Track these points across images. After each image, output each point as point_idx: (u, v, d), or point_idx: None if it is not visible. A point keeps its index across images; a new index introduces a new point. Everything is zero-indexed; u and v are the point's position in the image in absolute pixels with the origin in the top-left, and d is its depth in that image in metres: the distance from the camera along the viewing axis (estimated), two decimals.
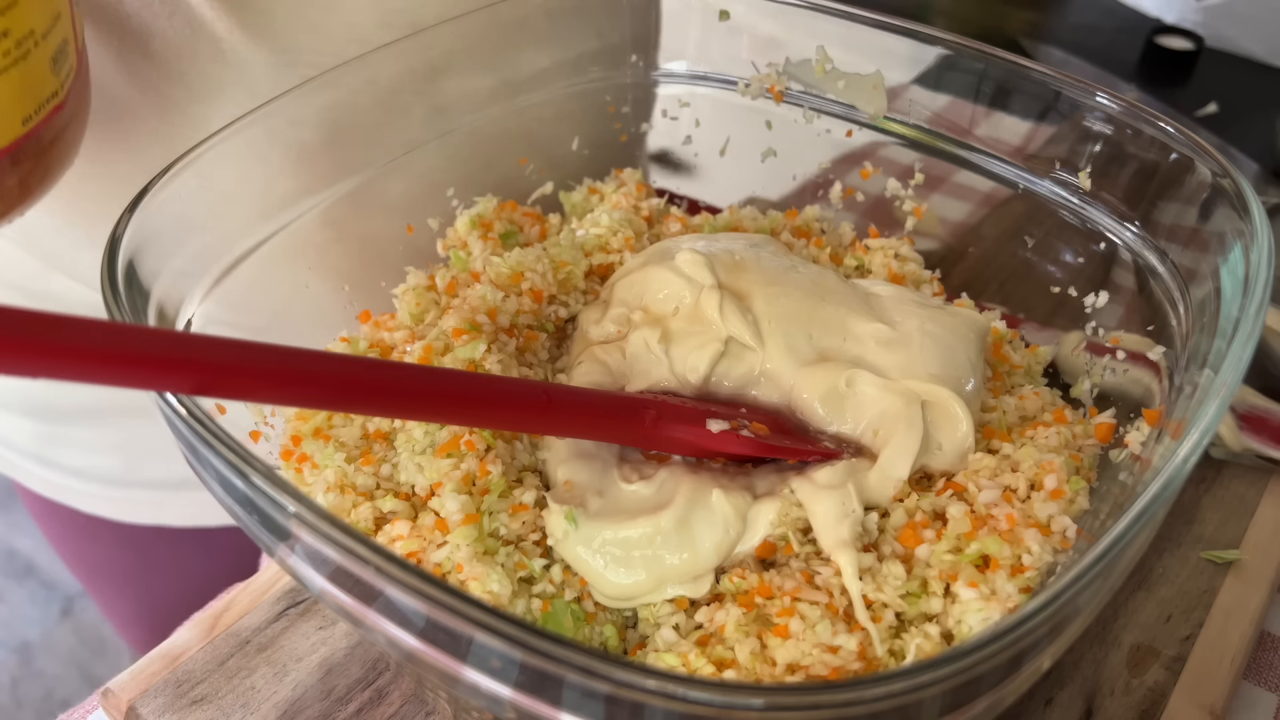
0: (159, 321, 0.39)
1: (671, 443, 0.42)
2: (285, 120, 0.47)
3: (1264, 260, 0.38)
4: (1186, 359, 0.41)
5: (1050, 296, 0.52)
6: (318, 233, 0.49)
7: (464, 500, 0.39)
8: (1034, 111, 0.51)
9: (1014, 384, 0.49)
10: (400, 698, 0.45)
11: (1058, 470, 0.40)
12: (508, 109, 0.57)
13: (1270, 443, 0.56)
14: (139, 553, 0.80)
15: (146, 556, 0.80)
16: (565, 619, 0.39)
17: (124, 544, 0.79)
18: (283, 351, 0.31)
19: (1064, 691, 0.46)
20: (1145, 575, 0.51)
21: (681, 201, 0.63)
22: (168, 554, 0.80)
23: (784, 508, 0.40)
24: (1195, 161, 0.44)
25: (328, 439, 0.43)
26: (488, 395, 0.36)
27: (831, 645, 0.36)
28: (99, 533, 0.78)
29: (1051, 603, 0.28)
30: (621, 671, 0.26)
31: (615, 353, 0.47)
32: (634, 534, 0.39)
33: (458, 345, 0.44)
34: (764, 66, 0.57)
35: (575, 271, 0.51)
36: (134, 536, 0.78)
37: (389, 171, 0.52)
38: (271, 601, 0.49)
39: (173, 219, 0.41)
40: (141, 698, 0.45)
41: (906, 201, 0.56)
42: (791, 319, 0.45)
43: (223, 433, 0.33)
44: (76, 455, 0.74)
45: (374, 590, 0.30)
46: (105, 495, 0.75)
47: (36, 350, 0.26)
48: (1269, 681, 0.49)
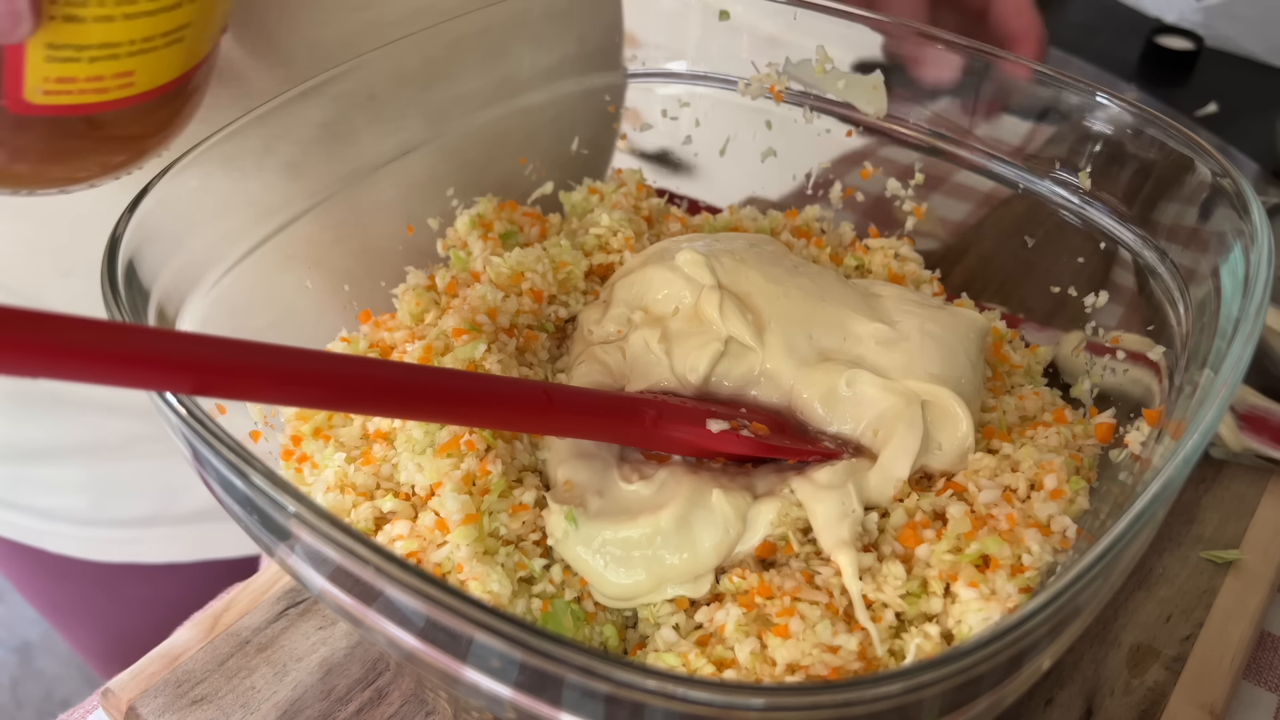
0: (159, 321, 0.39)
1: (671, 443, 0.42)
2: (285, 120, 0.47)
3: (1264, 260, 0.38)
4: (1186, 359, 0.41)
5: (1050, 296, 0.52)
6: (317, 233, 0.49)
7: (464, 500, 0.39)
8: (1034, 111, 0.51)
9: (1014, 384, 0.49)
10: (400, 698, 0.45)
11: (1058, 470, 0.40)
12: (507, 109, 0.57)
13: (1270, 443, 0.56)
14: (108, 588, 0.77)
15: (117, 591, 0.77)
16: (565, 619, 0.39)
17: (94, 580, 0.76)
18: (283, 351, 0.31)
19: (1064, 691, 0.46)
20: (1145, 575, 0.51)
21: (681, 201, 0.63)
22: (141, 587, 0.77)
23: (784, 508, 0.40)
24: (1195, 161, 0.44)
25: (328, 439, 0.43)
26: (488, 395, 0.36)
27: (831, 645, 0.36)
28: (67, 571, 0.75)
29: (1051, 603, 0.28)
30: (621, 671, 0.26)
31: (615, 353, 0.47)
32: (634, 534, 0.39)
33: (458, 345, 0.44)
34: (764, 66, 0.57)
35: (575, 271, 0.51)
36: (103, 573, 0.75)
37: (389, 172, 0.52)
38: (271, 601, 0.49)
39: (173, 219, 0.41)
40: (141, 698, 0.45)
41: (906, 201, 0.56)
42: (791, 319, 0.45)
43: (223, 433, 0.33)
44: (42, 495, 0.71)
45: (374, 590, 0.30)
46: (73, 535, 0.72)
47: (36, 350, 0.26)
48: (1269, 681, 0.49)
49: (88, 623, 0.82)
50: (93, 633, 0.83)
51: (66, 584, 0.77)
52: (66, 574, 0.76)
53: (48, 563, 0.74)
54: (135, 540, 0.73)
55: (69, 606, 0.81)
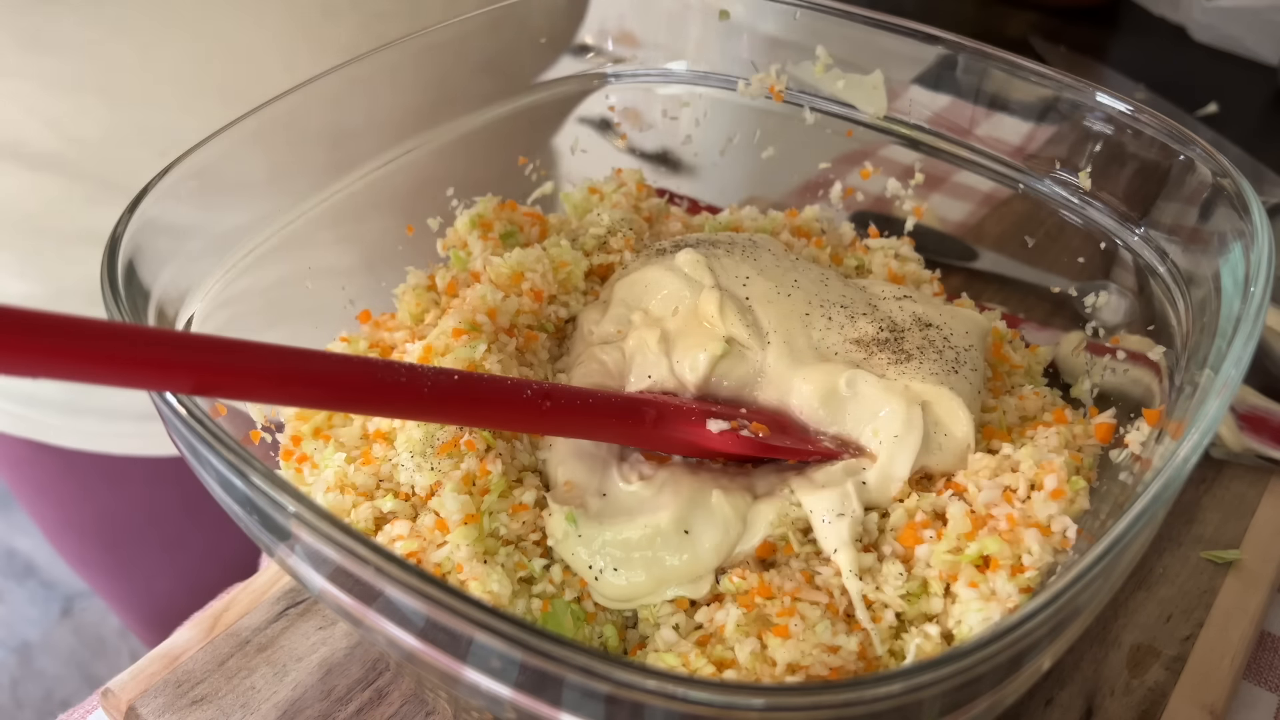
0: (159, 321, 0.39)
1: (671, 443, 0.42)
2: (285, 121, 0.47)
3: (1264, 260, 0.38)
4: (1186, 359, 0.41)
5: (1050, 296, 0.52)
6: (318, 233, 0.49)
7: (464, 500, 0.39)
8: (1034, 111, 0.51)
9: (1014, 384, 0.49)
10: (400, 698, 0.45)
11: (1058, 470, 0.40)
12: (508, 109, 0.57)
13: (1270, 443, 0.56)
14: (167, 491, 0.79)
15: (173, 493, 0.79)
16: (565, 619, 0.39)
17: (151, 482, 0.78)
18: (283, 351, 0.31)
19: (1064, 691, 0.46)
20: (1145, 575, 0.51)
21: (681, 201, 0.63)
22: (193, 487, 0.78)
23: (784, 508, 0.40)
24: (1195, 161, 0.44)
25: (328, 439, 0.43)
26: (488, 395, 0.36)
27: (831, 645, 0.36)
28: (129, 473, 0.76)
29: (1051, 603, 0.28)
30: (621, 671, 0.26)
31: (615, 353, 0.47)
32: (634, 535, 0.39)
33: (458, 345, 0.44)
34: (764, 66, 0.57)
35: (575, 271, 0.51)
36: (161, 472, 0.77)
37: (389, 171, 0.52)
38: (271, 601, 0.49)
39: (173, 219, 0.41)
40: (141, 698, 0.45)
41: (906, 201, 0.56)
42: (791, 319, 0.45)
43: (223, 433, 0.33)
44: (105, 395, 0.73)
45: (374, 590, 0.30)
46: (136, 431, 0.74)
47: (37, 350, 0.26)
48: (1269, 681, 0.49)
49: (140, 547, 0.83)
50: (147, 553, 0.84)
51: (122, 492, 0.78)
52: (129, 477, 0.77)
53: (105, 471, 0.76)
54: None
55: (125, 526, 0.82)
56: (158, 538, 0.83)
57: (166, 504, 0.80)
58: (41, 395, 0.73)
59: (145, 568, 0.85)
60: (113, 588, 0.89)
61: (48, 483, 0.80)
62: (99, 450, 0.75)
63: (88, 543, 0.84)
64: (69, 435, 0.75)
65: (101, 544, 0.83)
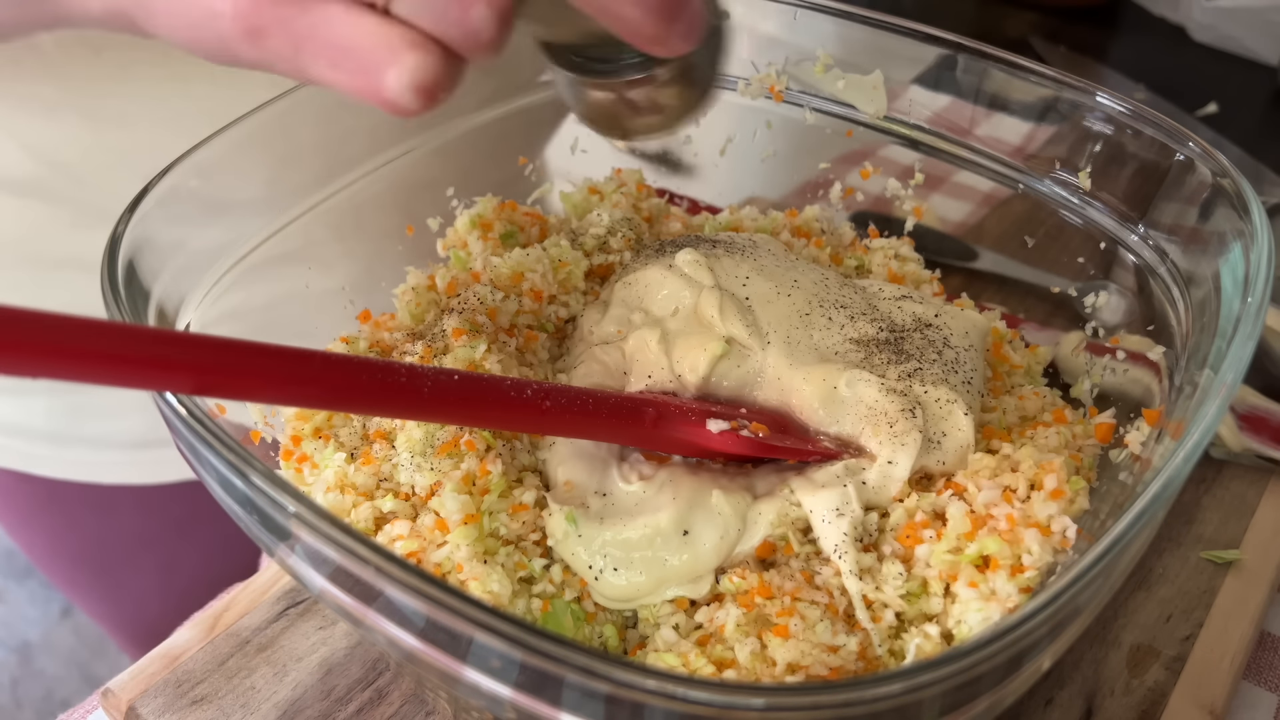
0: (159, 321, 0.39)
1: (671, 443, 0.42)
2: (285, 121, 0.47)
3: (1264, 260, 0.38)
4: (1186, 359, 0.41)
5: (1050, 296, 0.52)
6: (318, 233, 0.49)
7: (464, 500, 0.39)
8: (1034, 111, 0.51)
9: (1014, 384, 0.49)
10: (400, 698, 0.45)
11: (1058, 470, 0.40)
12: (508, 109, 0.57)
13: (1270, 443, 0.56)
14: (158, 516, 0.77)
15: (165, 518, 0.78)
16: (565, 619, 0.39)
17: (142, 508, 0.76)
18: (283, 351, 0.31)
19: (1064, 691, 0.46)
20: (1145, 575, 0.51)
21: (681, 201, 0.63)
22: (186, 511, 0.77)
23: (784, 508, 0.40)
24: (1195, 161, 0.44)
25: (328, 439, 0.43)
26: (488, 395, 0.36)
27: (831, 645, 0.36)
28: (119, 501, 0.75)
29: (1051, 603, 0.28)
30: (621, 671, 0.26)
31: (615, 353, 0.47)
32: (634, 535, 0.39)
33: (458, 345, 0.44)
34: (764, 66, 0.57)
35: (575, 271, 0.51)
36: (152, 499, 0.76)
37: (389, 171, 0.52)
38: (271, 601, 0.49)
39: (173, 219, 0.41)
40: (141, 698, 0.45)
41: (906, 201, 0.56)
42: (791, 319, 0.45)
43: (223, 433, 0.33)
44: (95, 424, 0.71)
45: (374, 590, 0.30)
46: (128, 460, 0.73)
47: (36, 350, 0.26)
48: (1269, 681, 0.49)
49: (134, 563, 0.82)
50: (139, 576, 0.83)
51: (113, 520, 0.77)
52: (117, 506, 0.75)
53: (94, 499, 0.74)
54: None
55: (116, 551, 0.81)
56: (149, 561, 0.82)
57: (158, 528, 0.79)
58: (27, 425, 0.71)
59: (136, 591, 0.83)
60: (104, 610, 0.87)
61: (33, 512, 0.79)
62: (88, 480, 0.74)
63: (77, 568, 0.82)
64: (56, 465, 0.73)
65: (91, 570, 0.82)
